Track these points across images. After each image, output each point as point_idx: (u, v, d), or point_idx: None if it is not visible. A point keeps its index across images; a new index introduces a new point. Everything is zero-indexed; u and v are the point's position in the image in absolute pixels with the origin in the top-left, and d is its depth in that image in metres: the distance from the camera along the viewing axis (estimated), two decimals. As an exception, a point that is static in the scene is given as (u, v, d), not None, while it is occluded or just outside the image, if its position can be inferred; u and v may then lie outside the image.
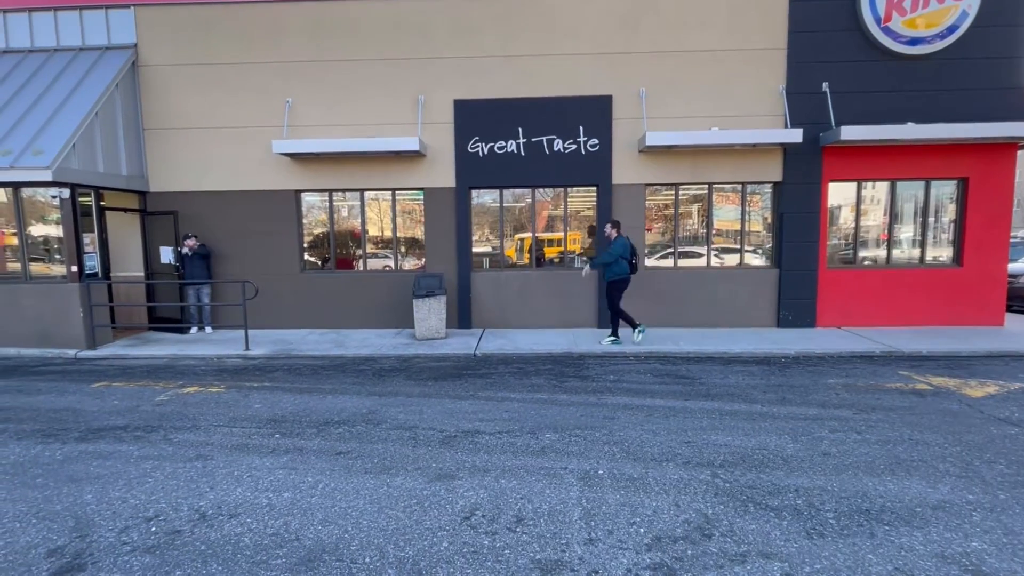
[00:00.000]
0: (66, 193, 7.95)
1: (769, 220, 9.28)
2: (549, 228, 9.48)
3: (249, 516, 3.38)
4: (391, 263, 9.58)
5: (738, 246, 9.31)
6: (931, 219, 9.09)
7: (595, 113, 8.87)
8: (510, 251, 9.51)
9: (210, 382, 6.51)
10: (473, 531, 3.19)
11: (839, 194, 9.12)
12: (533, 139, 8.96)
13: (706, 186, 9.17)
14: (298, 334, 9.05)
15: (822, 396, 5.70)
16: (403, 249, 9.59)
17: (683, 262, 9.34)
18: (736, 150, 8.86)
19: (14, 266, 8.31)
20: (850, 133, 8.14)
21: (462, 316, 9.31)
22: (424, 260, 9.42)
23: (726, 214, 9.32)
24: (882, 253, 9.19)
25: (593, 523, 3.27)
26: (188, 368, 7.26)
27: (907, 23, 8.40)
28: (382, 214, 9.57)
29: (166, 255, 9.32)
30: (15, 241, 8.27)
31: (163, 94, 9.22)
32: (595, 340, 8.26)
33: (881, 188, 9.11)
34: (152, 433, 4.83)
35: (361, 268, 9.58)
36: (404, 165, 9.14)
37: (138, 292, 9.85)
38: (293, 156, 8.97)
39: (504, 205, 9.35)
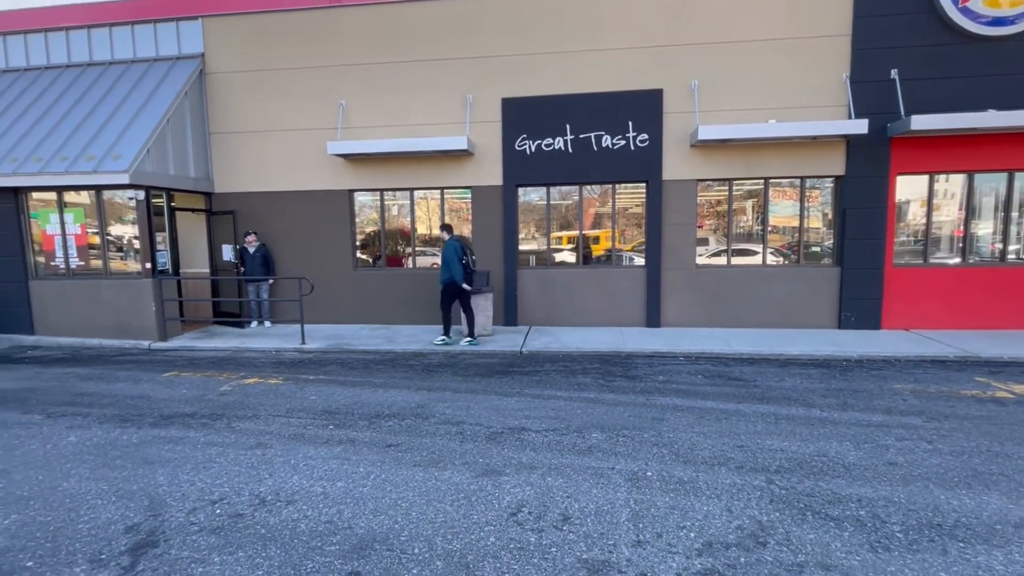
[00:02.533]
0: (141, 195, 8.51)
1: (830, 216, 8.83)
2: (596, 225, 9.38)
3: (305, 503, 3.52)
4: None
5: (796, 243, 8.91)
6: (1015, 214, 8.40)
7: (644, 108, 8.70)
8: (562, 249, 9.46)
9: (269, 374, 6.82)
10: (520, 527, 3.20)
11: (908, 188, 8.57)
12: (581, 136, 8.88)
13: (762, 181, 8.81)
14: (351, 329, 9.34)
15: (888, 402, 5.38)
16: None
17: (737, 260, 9.03)
18: (795, 143, 8.47)
19: (96, 263, 8.97)
20: (922, 123, 7.63)
21: (508, 313, 9.35)
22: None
23: (783, 210, 8.93)
24: (957, 251, 8.57)
25: (641, 525, 3.21)
26: (249, 360, 7.63)
27: (988, 2, 7.77)
28: (430, 212, 9.74)
29: (227, 253, 9.83)
30: (97, 240, 8.93)
31: (227, 100, 9.72)
32: (644, 338, 8.11)
33: (956, 181, 8.49)
34: (217, 421, 5.11)
35: (410, 265, 9.78)
36: (453, 164, 9.26)
37: (204, 288, 10.43)
38: (346, 157, 9.25)
39: (551, 202, 9.32)
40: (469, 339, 8.08)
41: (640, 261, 9.19)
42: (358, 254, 9.91)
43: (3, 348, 8.76)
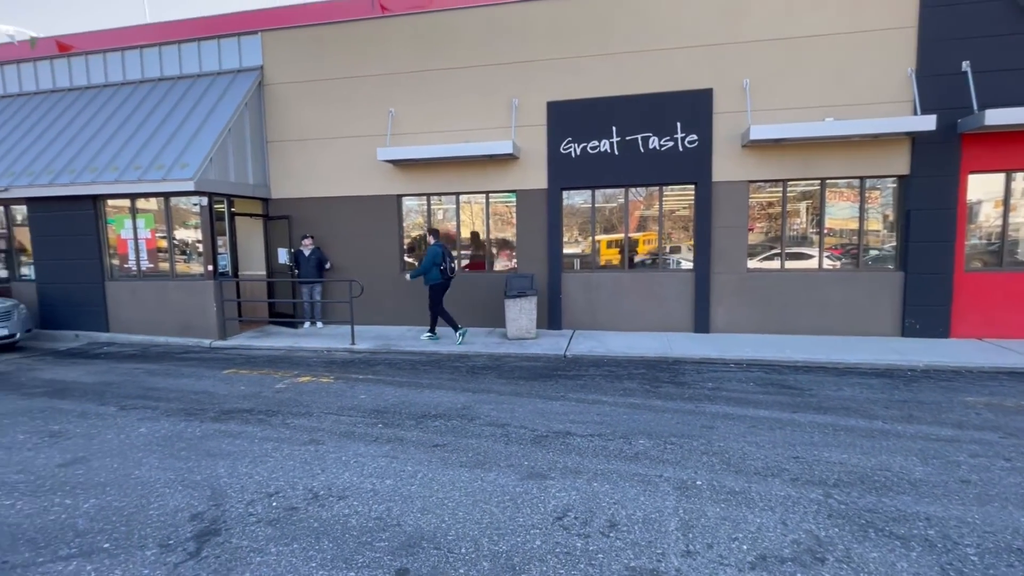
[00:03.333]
0: (204, 201, 8.99)
1: (891, 218, 8.37)
2: (642, 228, 9.23)
3: (355, 499, 3.62)
4: (483, 264, 9.81)
5: (854, 246, 8.49)
6: (1105, 214, 7.72)
7: (694, 108, 8.51)
8: (606, 252, 9.38)
9: (321, 373, 7.06)
10: (566, 532, 3.19)
11: (981, 187, 8.02)
12: (627, 137, 8.77)
13: (818, 182, 8.46)
14: (398, 331, 9.55)
15: (959, 415, 5.05)
16: (494, 250, 9.80)
17: (791, 264, 8.69)
18: (854, 142, 8.09)
19: (163, 266, 9.54)
20: (998, 117, 7.13)
21: (552, 317, 9.33)
22: (515, 261, 9.57)
23: (840, 212, 8.54)
24: (1037, 254, 7.96)
25: (691, 535, 3.13)
26: (302, 359, 7.93)
27: (1074, -14, 7.20)
28: (474, 216, 9.84)
29: (282, 256, 10.25)
30: (164, 244, 9.50)
31: (283, 109, 10.15)
32: (692, 344, 7.92)
33: (1037, 179, 7.89)
34: (272, 417, 5.33)
35: (456, 268, 9.89)
36: (498, 168, 9.34)
37: (260, 289, 10.90)
38: (395, 162, 9.48)
39: (596, 205, 9.24)
40: (430, 334, 8.83)
41: (688, 265, 8.99)
42: (405, 257, 10.12)
43: (82, 344, 9.44)
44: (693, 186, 8.76)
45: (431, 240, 8.59)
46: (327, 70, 9.87)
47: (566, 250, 9.42)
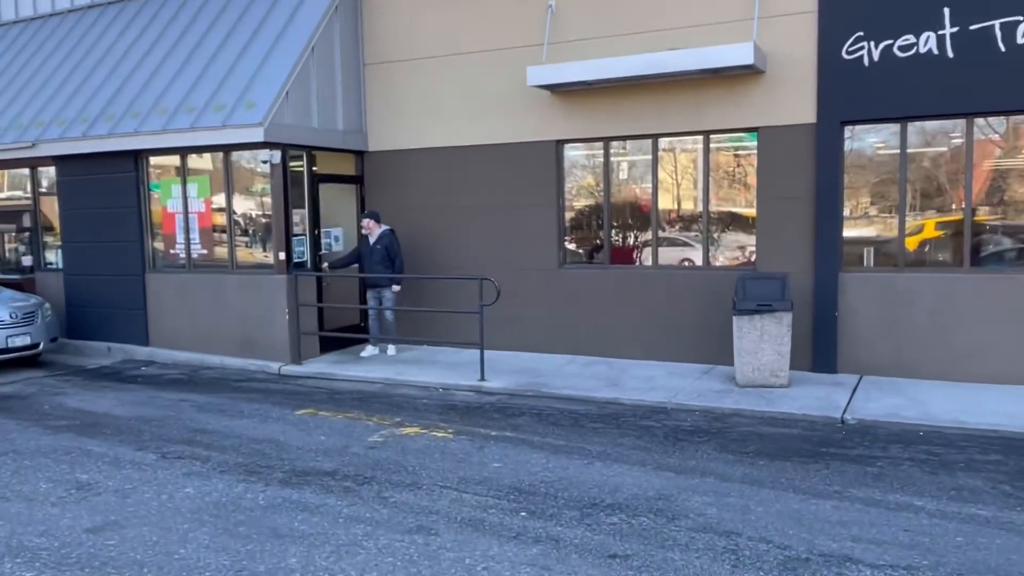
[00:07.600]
0: (277, 156, 10.03)
1: None
2: (996, 193, 8.37)
3: (486, 630, 3.76)
4: (695, 255, 9.65)
5: None
6: None
7: (1111, -36, 7.50)
8: (911, 240, 8.69)
9: (434, 422, 7.49)
10: None
11: None
12: (971, 26, 8.02)
13: None
14: (551, 361, 9.79)
15: None
16: (715, 233, 9.59)
17: None
18: None
19: (220, 251, 10.85)
20: None
21: (820, 350, 8.89)
22: (753, 251, 9.28)
23: None
24: None
25: None
26: (406, 399, 8.49)
27: None
28: (680, 174, 9.71)
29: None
30: (222, 220, 10.82)
31: (389, 15, 11.00)
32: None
33: None
34: (364, 487, 5.76)
35: (648, 262, 9.86)
36: (724, 92, 9.12)
37: (351, 289, 11.83)
38: (554, 88, 9.71)
39: (907, 151, 8.57)
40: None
41: (1093, 261, 7.96)
42: (566, 242, 10.31)
43: (116, 361, 11.17)
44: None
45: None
46: (453, -52, 10.49)
47: (847, 232, 8.91)
